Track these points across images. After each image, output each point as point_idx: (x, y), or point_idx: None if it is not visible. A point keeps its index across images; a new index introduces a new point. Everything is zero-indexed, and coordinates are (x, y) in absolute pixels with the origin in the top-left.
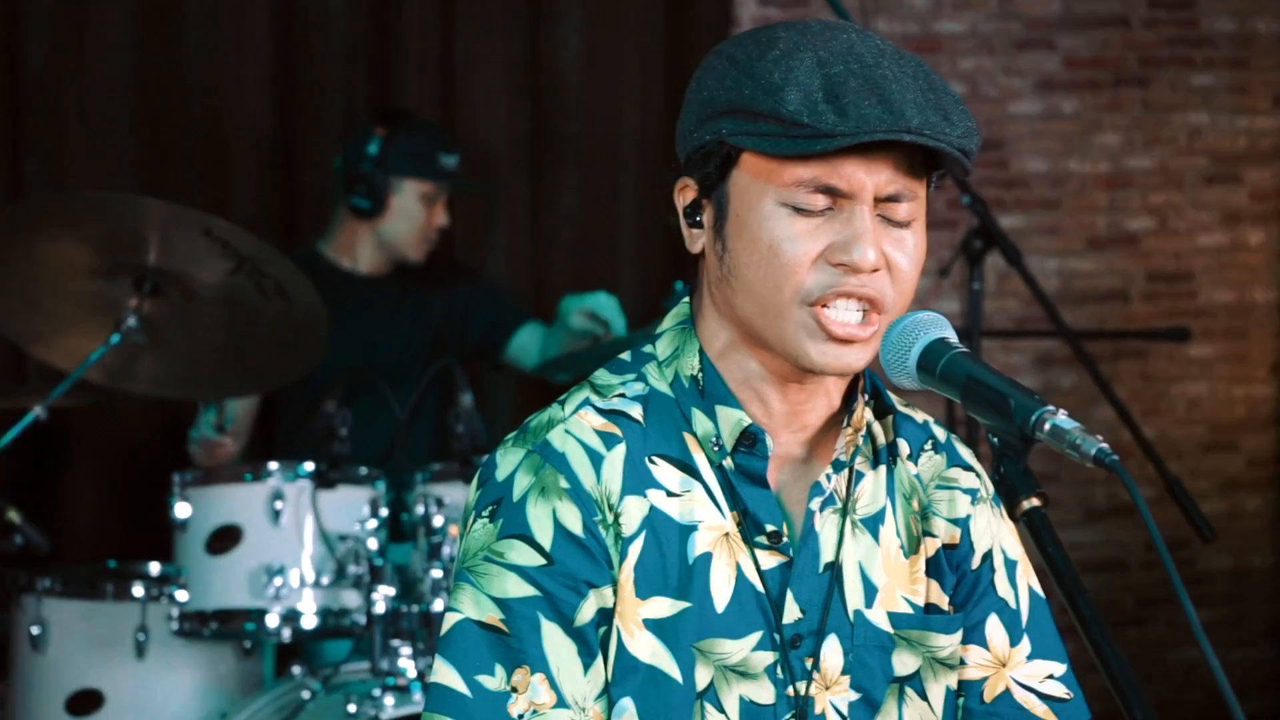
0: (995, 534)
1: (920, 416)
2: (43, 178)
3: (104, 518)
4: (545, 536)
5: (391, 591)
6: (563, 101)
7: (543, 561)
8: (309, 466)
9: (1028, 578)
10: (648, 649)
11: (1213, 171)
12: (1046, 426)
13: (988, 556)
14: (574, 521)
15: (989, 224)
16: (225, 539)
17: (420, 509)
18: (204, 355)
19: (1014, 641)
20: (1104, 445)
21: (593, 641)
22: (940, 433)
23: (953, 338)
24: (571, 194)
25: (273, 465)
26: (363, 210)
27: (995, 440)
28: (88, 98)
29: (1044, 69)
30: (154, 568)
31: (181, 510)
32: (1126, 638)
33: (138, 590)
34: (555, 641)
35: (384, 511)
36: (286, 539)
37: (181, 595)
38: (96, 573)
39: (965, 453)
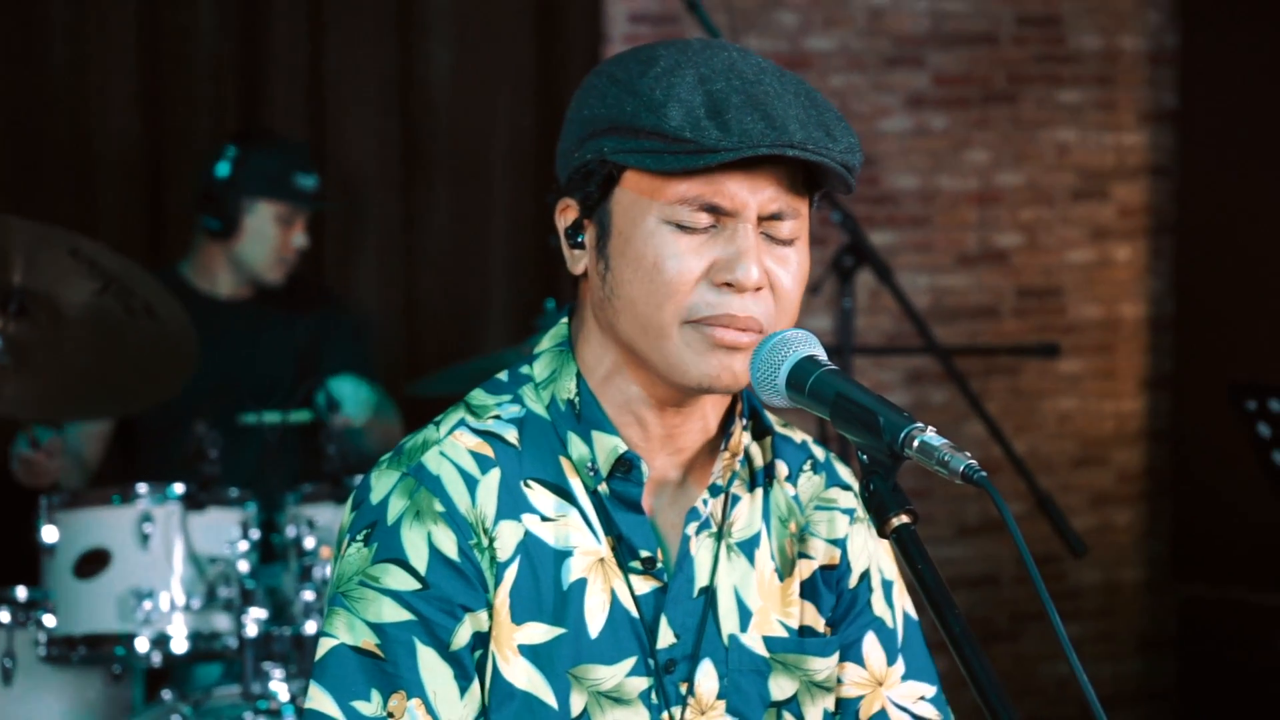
0: (873, 554)
1: (799, 437)
2: None
3: None
4: (420, 561)
5: (263, 614)
6: (433, 119)
7: (418, 586)
8: (178, 489)
9: (903, 600)
10: (523, 675)
11: (1081, 188)
12: (915, 443)
13: (865, 575)
14: (449, 545)
15: (860, 241)
16: (93, 562)
17: (292, 531)
18: (71, 376)
19: (890, 661)
20: (972, 462)
21: (469, 666)
22: (820, 452)
23: (822, 355)
24: (442, 212)
25: (141, 488)
26: (215, 231)
27: (865, 458)
28: None
29: (913, 86)
30: (21, 592)
31: (49, 534)
32: (999, 653)
33: (4, 615)
34: (431, 666)
35: (255, 533)
36: (156, 562)
37: (49, 620)
38: None
39: (844, 472)
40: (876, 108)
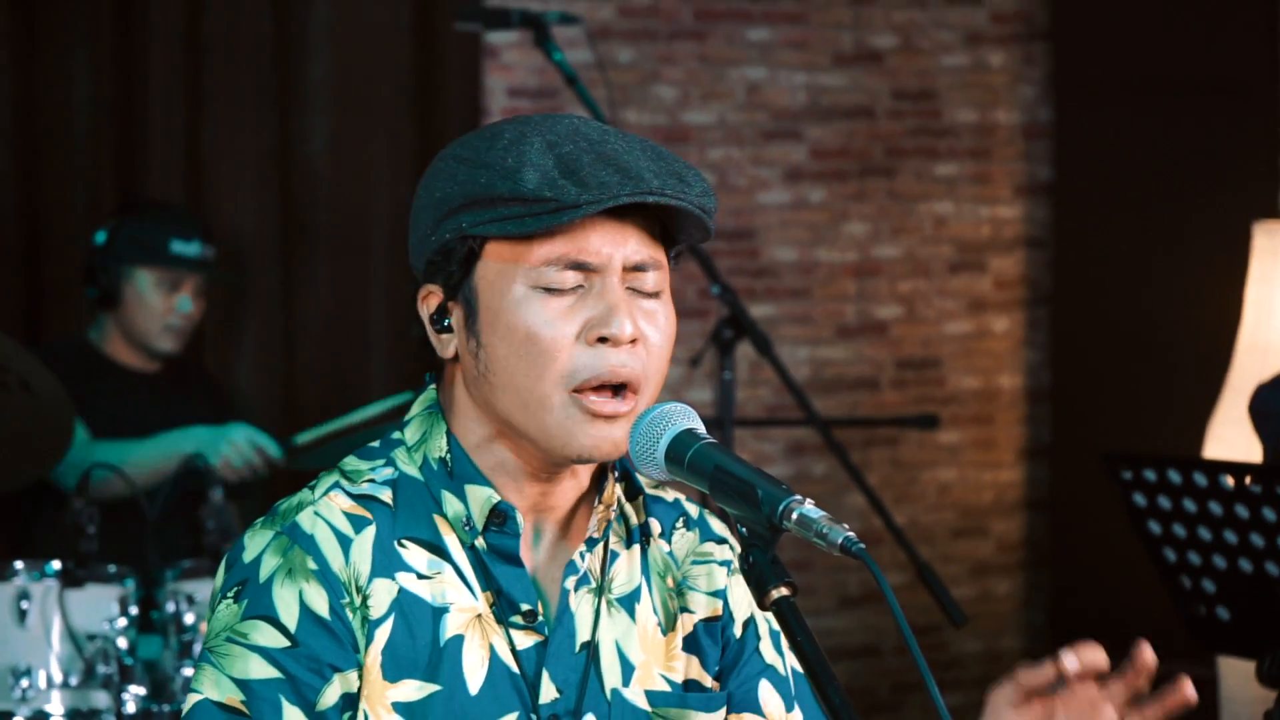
0: (754, 602)
1: (671, 495)
2: None
3: None
4: (290, 618)
5: (142, 691)
6: (312, 192)
7: (287, 643)
8: (56, 565)
9: (790, 654)
10: None
11: (958, 260)
12: (794, 516)
13: (750, 623)
14: (320, 604)
15: (739, 313)
16: None
17: (171, 606)
18: None
19: (789, 708)
20: (850, 534)
21: None
22: (692, 509)
23: (700, 428)
24: (322, 285)
25: (18, 564)
26: (95, 300)
27: (744, 530)
28: None
29: (791, 159)
30: None
31: None
32: None
33: None
34: None
35: (133, 610)
36: (33, 639)
37: None
38: None
39: (717, 526)
40: (755, 181)
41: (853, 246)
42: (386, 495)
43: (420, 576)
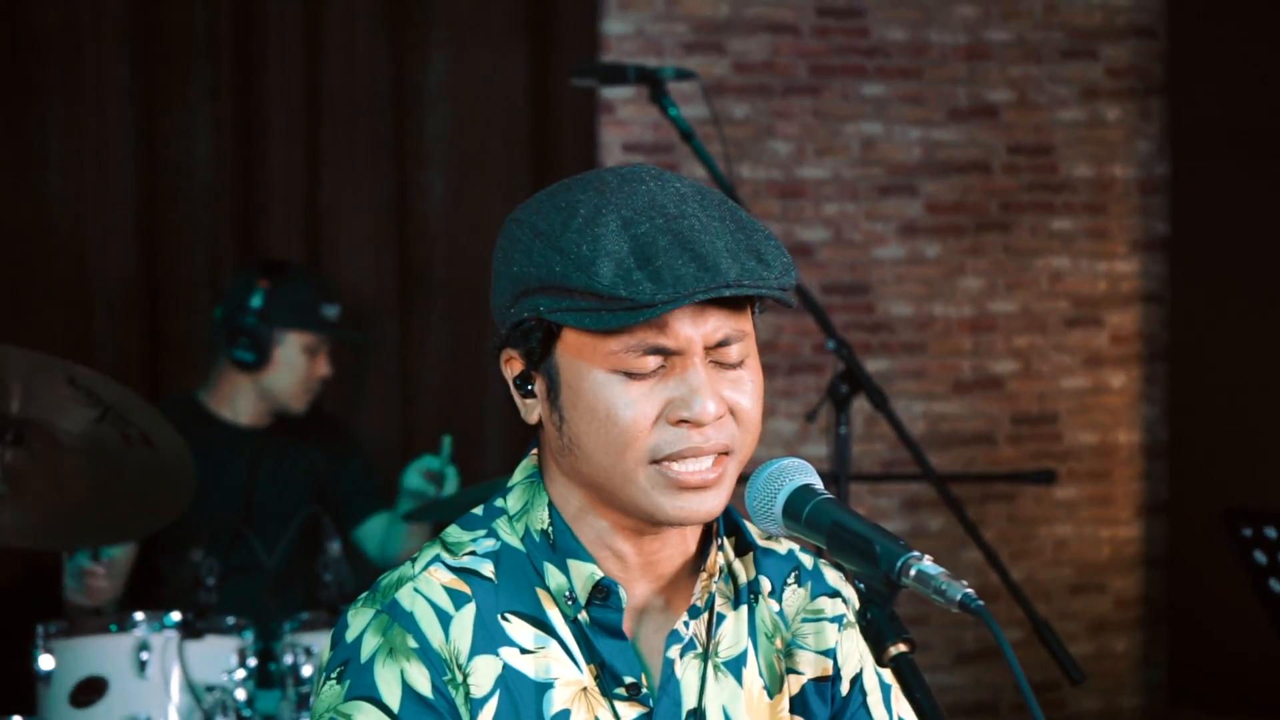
0: (864, 656)
1: (784, 547)
2: None
3: None
4: (393, 698)
5: None
6: (429, 246)
7: None
8: (175, 616)
9: (901, 707)
10: None
11: (1074, 315)
12: (911, 572)
13: (856, 680)
14: (423, 682)
15: (855, 368)
16: (90, 691)
17: (288, 658)
18: (68, 505)
19: None
20: (968, 590)
21: None
22: (807, 560)
23: (818, 484)
24: (439, 339)
25: (138, 615)
26: (246, 363)
27: (862, 586)
28: None
29: (906, 214)
30: None
31: (45, 662)
32: None
33: None
34: None
35: (251, 661)
36: (153, 690)
37: None
38: None
39: (832, 577)
40: (870, 235)
41: (968, 301)
42: (488, 569)
43: (524, 651)
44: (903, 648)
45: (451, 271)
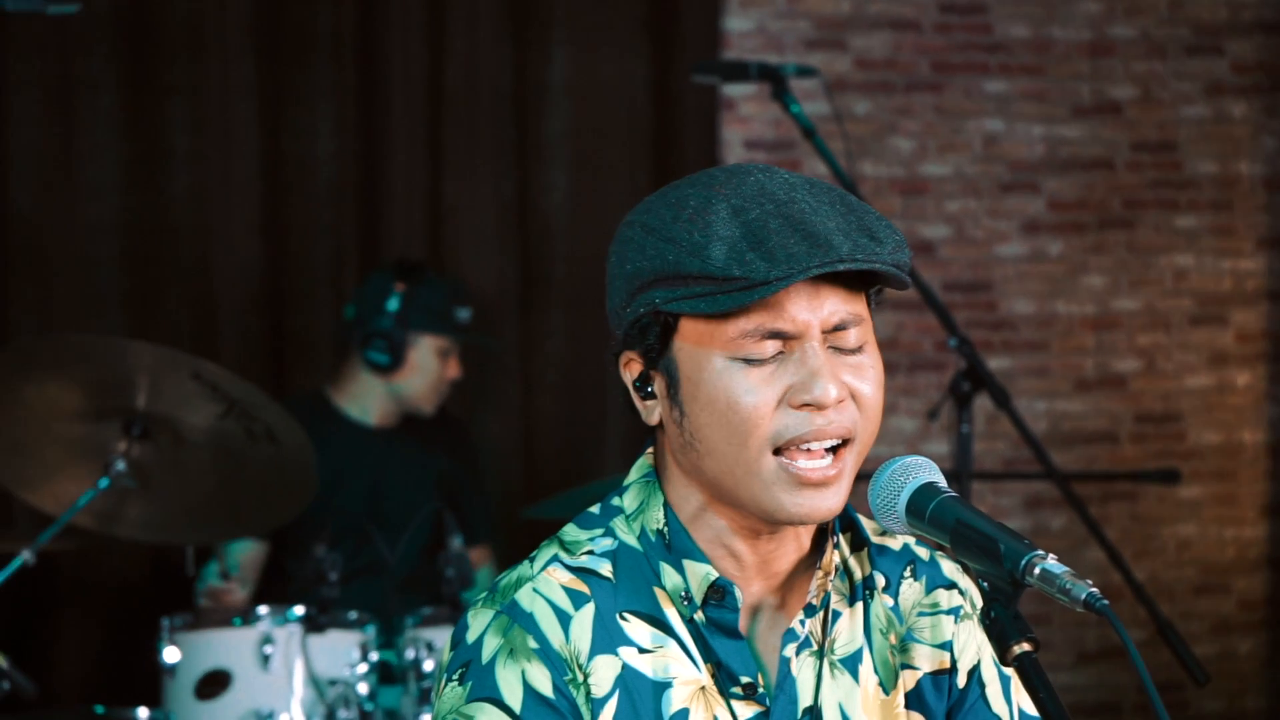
0: (981, 647)
1: (899, 542)
2: (31, 321)
3: (92, 662)
4: (515, 699)
5: None
6: (550, 245)
7: None
8: (299, 611)
9: (1019, 696)
10: None
11: (1199, 313)
12: (1036, 571)
13: (974, 672)
14: (544, 683)
15: (977, 366)
16: (214, 684)
17: (410, 653)
18: (193, 499)
19: None
20: (1094, 590)
21: None
22: (923, 552)
23: (941, 482)
24: (559, 338)
25: (262, 610)
26: (379, 365)
27: (985, 585)
28: (76, 241)
29: (1029, 211)
30: (143, 713)
31: (170, 655)
32: None
33: None
34: None
35: (374, 656)
36: (276, 684)
37: None
38: (84, 718)
39: (949, 569)
40: (993, 233)
41: (1091, 299)
42: (606, 569)
43: (642, 651)
44: (1026, 647)
45: (572, 270)
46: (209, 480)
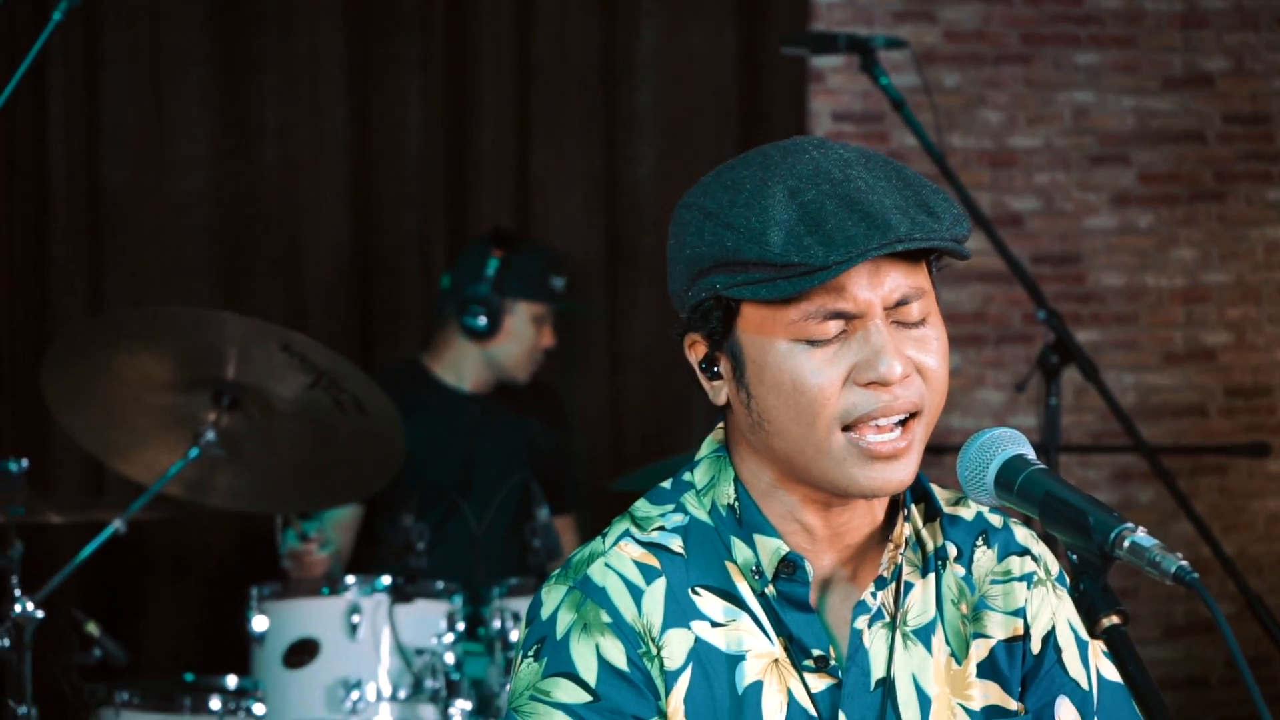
0: (1056, 613)
1: (972, 512)
2: (122, 292)
3: (182, 631)
4: (590, 673)
5: (468, 706)
6: (637, 217)
7: (589, 698)
8: (385, 580)
9: (1097, 660)
10: None
11: None
12: (1126, 544)
13: (1049, 638)
14: (618, 656)
15: (1065, 339)
16: (302, 652)
17: (497, 623)
18: (282, 469)
19: None
20: (1184, 563)
21: None
22: (995, 519)
23: (1030, 454)
24: (646, 309)
25: (350, 579)
26: (477, 331)
27: (1074, 557)
28: (167, 214)
29: (1119, 184)
30: (231, 681)
31: (259, 623)
32: None
33: (215, 703)
34: None
35: (460, 625)
36: (363, 653)
37: (259, 709)
38: (174, 686)
39: (1022, 535)
40: (1082, 205)
41: (1181, 272)
42: (677, 544)
43: (715, 624)
44: (1115, 620)
45: (659, 243)
46: (297, 450)
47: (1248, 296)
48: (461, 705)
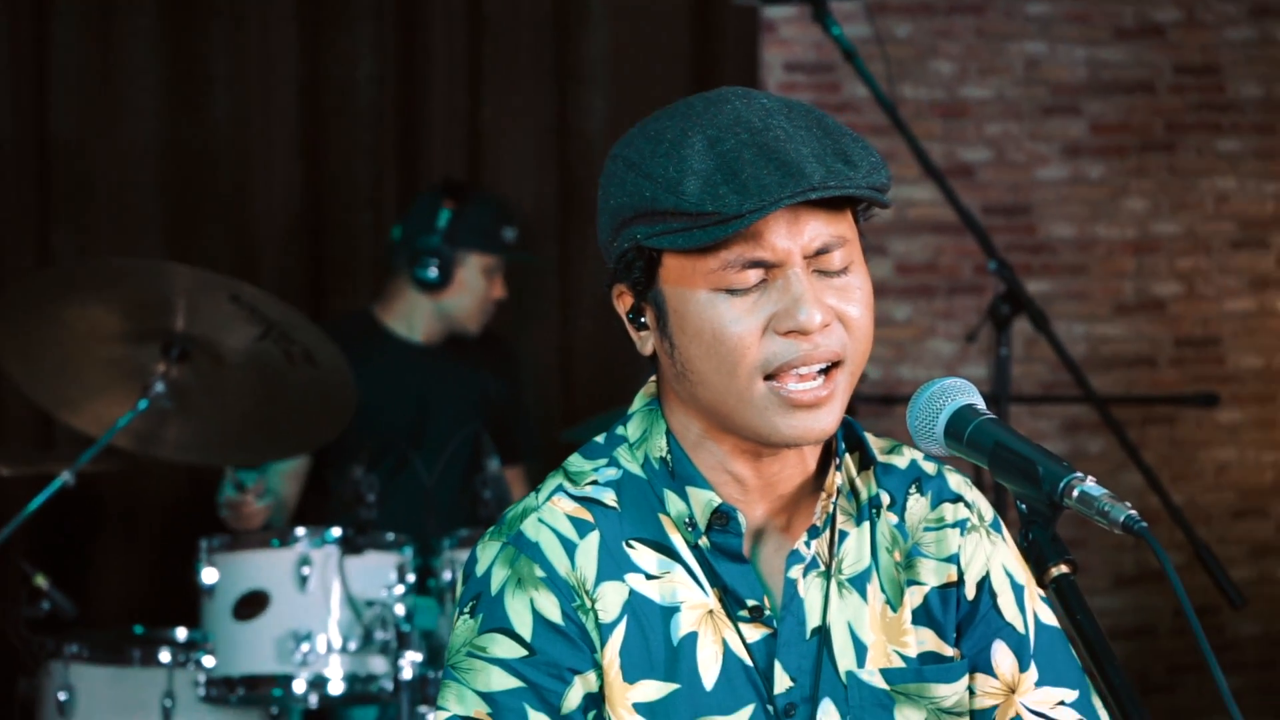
0: (990, 558)
1: (905, 460)
2: (71, 244)
3: (131, 583)
4: (525, 627)
5: (419, 657)
6: (589, 167)
7: (524, 653)
8: (335, 532)
9: (1035, 605)
10: None
11: (1240, 236)
12: (1075, 493)
13: (983, 583)
14: (552, 610)
15: (1016, 289)
16: (252, 605)
17: (447, 575)
18: (231, 421)
19: (1023, 667)
20: (1132, 512)
21: None
22: (929, 467)
23: (980, 404)
24: (598, 260)
25: (299, 531)
26: (429, 283)
27: (1023, 507)
28: (116, 165)
29: (1070, 134)
30: (181, 633)
31: (209, 576)
32: (1156, 705)
33: (165, 656)
34: None
35: (411, 577)
36: (314, 604)
37: (208, 661)
38: (123, 638)
39: (955, 482)
40: (1033, 156)
41: (1132, 223)
42: (610, 497)
43: (649, 577)
44: (1064, 569)
45: None
46: (247, 402)
47: (1198, 247)
48: (412, 657)
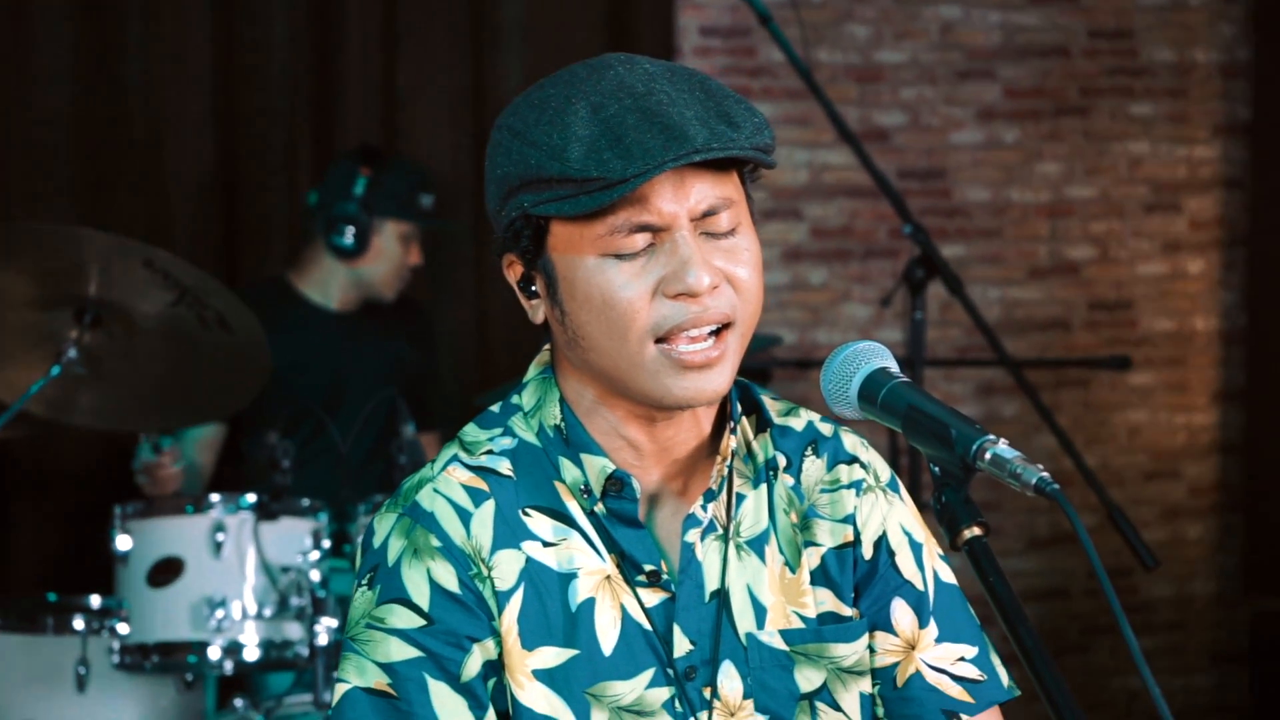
0: (887, 517)
1: (802, 422)
2: None
3: (44, 550)
4: (422, 597)
5: (334, 623)
6: None
7: (422, 622)
8: (250, 498)
9: (934, 562)
10: (542, 700)
11: (1153, 200)
12: (987, 456)
13: (880, 543)
14: (449, 579)
15: (930, 253)
16: (166, 571)
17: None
18: (145, 387)
19: (922, 624)
20: (1045, 474)
21: (482, 695)
22: (825, 428)
23: (894, 367)
24: None
25: (214, 497)
26: (345, 250)
27: (937, 469)
28: (28, 129)
29: (985, 99)
30: (95, 600)
31: (122, 542)
32: (1070, 666)
33: (78, 623)
34: (444, 700)
35: (326, 543)
36: (228, 571)
37: (123, 628)
38: (36, 606)
39: (851, 443)
40: (948, 120)
41: (1046, 187)
42: (505, 466)
43: (546, 544)
44: (977, 531)
45: None
46: (161, 367)
47: (1111, 211)
48: (327, 622)
